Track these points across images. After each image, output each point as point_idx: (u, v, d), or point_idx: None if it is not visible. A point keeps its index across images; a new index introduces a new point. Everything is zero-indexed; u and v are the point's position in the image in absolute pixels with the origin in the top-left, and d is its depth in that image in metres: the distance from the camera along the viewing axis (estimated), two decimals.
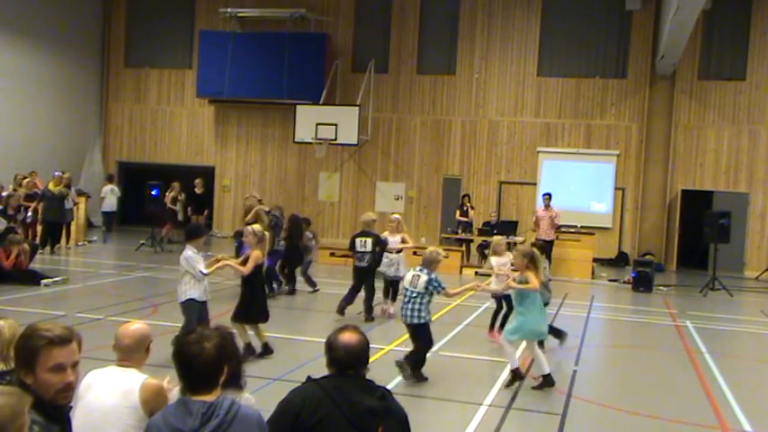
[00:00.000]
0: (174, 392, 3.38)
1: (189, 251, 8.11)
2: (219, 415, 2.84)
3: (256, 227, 9.25)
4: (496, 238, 10.82)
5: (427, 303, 7.98)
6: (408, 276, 8.12)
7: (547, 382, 7.88)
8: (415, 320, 7.95)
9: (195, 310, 8.04)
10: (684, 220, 20.16)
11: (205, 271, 8.11)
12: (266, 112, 23.31)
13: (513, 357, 8.05)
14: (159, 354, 4.30)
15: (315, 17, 22.56)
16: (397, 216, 12.47)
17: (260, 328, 8.71)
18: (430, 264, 8.03)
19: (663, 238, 20.71)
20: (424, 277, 7.91)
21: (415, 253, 12.45)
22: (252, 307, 8.62)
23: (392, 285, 11.71)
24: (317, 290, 13.61)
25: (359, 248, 11.33)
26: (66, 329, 2.86)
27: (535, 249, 8.32)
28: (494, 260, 9.97)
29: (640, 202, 20.88)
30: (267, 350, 8.66)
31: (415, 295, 7.93)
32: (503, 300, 9.87)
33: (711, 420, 7.27)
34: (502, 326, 9.57)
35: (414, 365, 7.91)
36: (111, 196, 21.28)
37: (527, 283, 7.82)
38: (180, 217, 20.83)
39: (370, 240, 11.26)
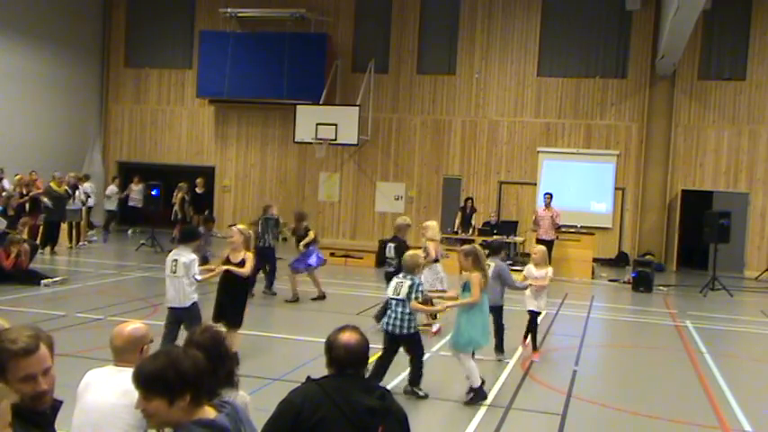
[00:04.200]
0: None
1: (191, 255, 7.96)
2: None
3: (242, 226, 8.80)
4: (539, 247, 9.85)
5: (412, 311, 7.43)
6: (392, 284, 7.50)
7: (477, 395, 7.40)
8: (405, 331, 7.33)
9: (198, 313, 7.99)
10: (684, 220, 20.15)
11: (199, 277, 7.92)
12: (266, 112, 23.31)
13: (475, 373, 7.44)
14: None
15: (315, 17, 22.55)
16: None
17: (233, 335, 8.17)
18: (413, 269, 7.49)
19: (663, 238, 20.71)
20: (407, 283, 7.36)
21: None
22: (227, 310, 8.24)
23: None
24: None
25: (386, 254, 10.99)
26: (32, 337, 2.71)
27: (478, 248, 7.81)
28: (533, 271, 9.29)
29: (640, 202, 20.87)
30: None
31: (397, 303, 7.36)
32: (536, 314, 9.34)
33: (711, 420, 7.27)
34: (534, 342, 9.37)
35: (418, 380, 7.53)
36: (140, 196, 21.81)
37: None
38: (180, 216, 20.87)
39: (393, 246, 10.90)
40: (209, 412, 2.69)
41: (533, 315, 9.31)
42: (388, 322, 7.39)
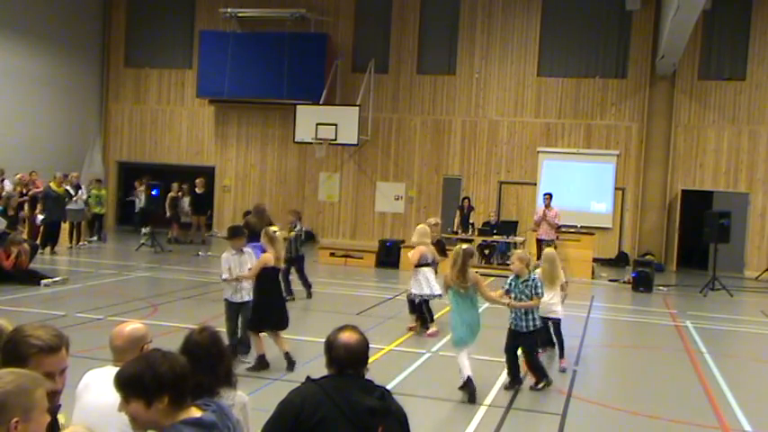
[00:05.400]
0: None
1: (225, 252, 8.51)
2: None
3: (271, 228, 8.82)
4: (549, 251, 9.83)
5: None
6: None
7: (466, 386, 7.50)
8: (524, 329, 7.97)
9: (228, 310, 8.49)
10: (684, 220, 20.15)
11: (224, 276, 8.33)
12: (266, 112, 23.31)
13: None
14: None
15: (315, 17, 22.55)
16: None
17: (277, 336, 8.31)
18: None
19: (663, 238, 20.71)
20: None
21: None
22: (256, 313, 8.27)
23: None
24: None
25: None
26: (56, 336, 2.80)
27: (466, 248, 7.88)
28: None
29: (640, 202, 20.87)
30: (289, 362, 8.18)
31: None
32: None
33: (711, 420, 7.27)
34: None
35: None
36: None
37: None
38: (172, 215, 20.84)
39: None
40: (194, 412, 2.73)
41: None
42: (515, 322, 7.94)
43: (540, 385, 7.90)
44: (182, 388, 2.72)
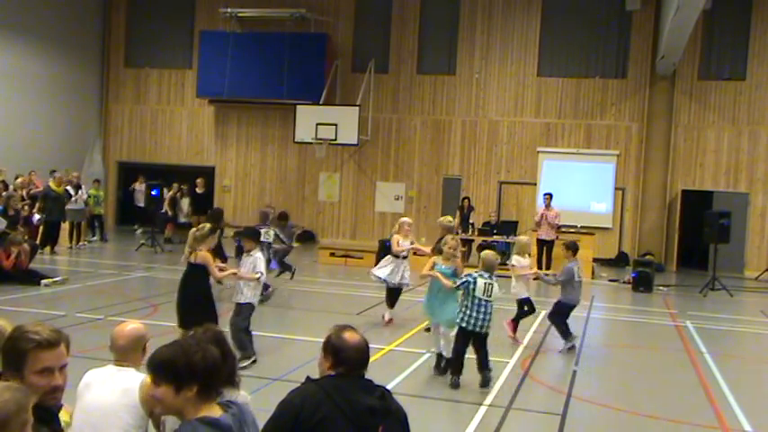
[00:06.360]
0: None
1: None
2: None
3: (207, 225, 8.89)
4: (522, 237, 11.25)
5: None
6: (481, 285, 7.77)
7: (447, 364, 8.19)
8: (486, 330, 7.89)
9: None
10: (684, 220, 20.16)
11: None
12: (266, 112, 23.31)
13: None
14: None
15: (315, 17, 22.55)
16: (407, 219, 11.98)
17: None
18: (492, 268, 8.00)
19: (663, 238, 20.71)
20: (497, 285, 7.89)
21: (415, 253, 12.10)
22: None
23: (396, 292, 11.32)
24: None
25: None
26: (55, 332, 2.80)
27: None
28: (515, 260, 10.38)
29: (640, 202, 20.87)
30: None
31: (492, 304, 7.87)
32: (525, 302, 10.24)
33: (711, 420, 7.27)
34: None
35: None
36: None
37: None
38: (170, 215, 20.81)
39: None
40: (215, 411, 2.73)
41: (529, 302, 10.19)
42: (480, 321, 7.79)
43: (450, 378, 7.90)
44: (212, 379, 2.73)
